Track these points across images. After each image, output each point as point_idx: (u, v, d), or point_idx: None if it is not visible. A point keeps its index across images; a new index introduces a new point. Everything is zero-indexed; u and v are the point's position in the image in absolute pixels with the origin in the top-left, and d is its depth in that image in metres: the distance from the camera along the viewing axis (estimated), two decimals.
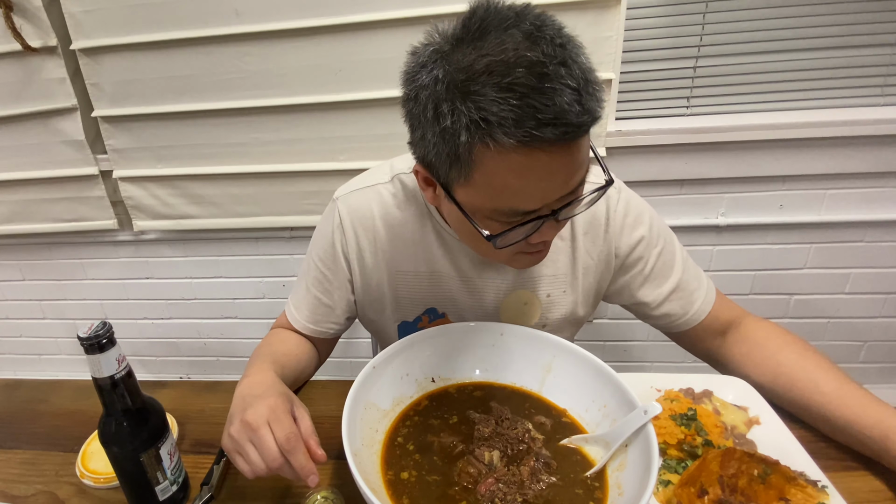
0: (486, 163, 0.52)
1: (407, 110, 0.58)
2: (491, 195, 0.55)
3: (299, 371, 0.81)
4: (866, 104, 1.37)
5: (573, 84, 0.48)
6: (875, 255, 1.49)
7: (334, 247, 0.81)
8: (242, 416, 0.56)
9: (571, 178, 0.55)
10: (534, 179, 0.53)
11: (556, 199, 0.56)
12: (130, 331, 1.86)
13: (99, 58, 1.40)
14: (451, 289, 0.80)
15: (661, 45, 1.36)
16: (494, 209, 0.56)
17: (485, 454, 0.61)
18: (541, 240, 0.61)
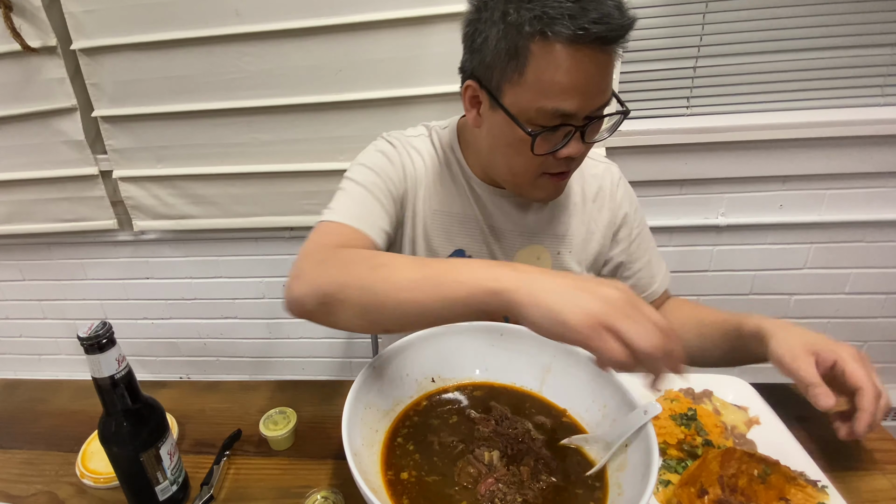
0: (540, 57, 0.63)
1: (471, 20, 0.69)
2: (538, 92, 0.65)
3: None
4: (866, 104, 1.36)
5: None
6: (875, 255, 1.49)
7: (389, 159, 0.82)
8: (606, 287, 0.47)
9: (604, 90, 0.66)
10: (578, 77, 0.63)
11: (589, 110, 0.66)
12: (130, 331, 1.86)
13: (99, 58, 1.40)
14: (477, 233, 0.86)
15: (661, 45, 1.36)
16: (539, 108, 0.65)
17: (484, 454, 0.61)
18: (567, 154, 0.69)
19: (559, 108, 0.65)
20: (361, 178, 0.80)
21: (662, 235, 1.51)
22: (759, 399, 0.76)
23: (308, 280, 0.61)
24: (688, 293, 1.60)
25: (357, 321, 0.59)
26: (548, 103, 0.65)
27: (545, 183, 0.75)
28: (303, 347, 1.84)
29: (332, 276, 0.60)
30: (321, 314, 0.61)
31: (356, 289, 0.58)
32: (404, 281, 0.56)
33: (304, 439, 0.77)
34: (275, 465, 0.73)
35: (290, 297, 0.62)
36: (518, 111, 0.67)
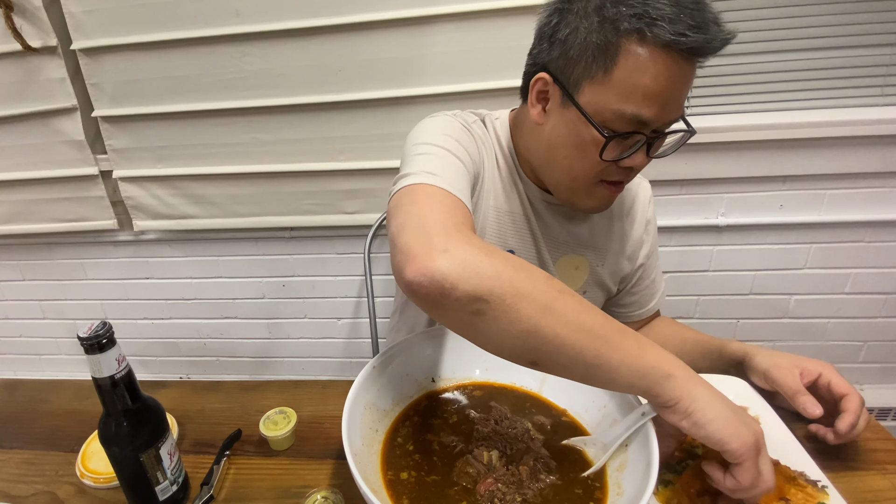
0: (630, 57, 0.60)
1: (558, 9, 0.66)
2: (621, 94, 0.62)
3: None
4: (866, 104, 1.36)
5: (713, 11, 0.60)
6: (875, 255, 1.49)
7: (469, 130, 0.76)
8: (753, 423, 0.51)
9: (681, 103, 0.64)
10: (664, 85, 0.61)
11: (664, 122, 0.64)
12: (130, 331, 1.86)
13: (99, 58, 1.40)
14: (527, 235, 0.84)
15: None
16: (617, 111, 0.63)
17: (483, 454, 0.61)
18: (631, 164, 0.67)
19: (639, 113, 0.62)
20: (448, 145, 0.69)
21: (662, 235, 1.51)
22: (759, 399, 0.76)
23: (472, 265, 0.48)
24: (688, 293, 1.60)
25: (509, 340, 0.50)
26: (628, 107, 0.62)
27: (600, 192, 0.72)
28: (303, 347, 1.84)
29: (508, 276, 0.48)
30: (467, 311, 0.49)
31: (537, 306, 0.48)
32: (592, 323, 0.49)
33: (304, 439, 0.77)
34: (275, 465, 0.73)
35: (433, 272, 0.48)
36: (594, 111, 0.64)
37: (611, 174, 0.69)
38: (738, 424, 0.49)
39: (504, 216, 0.81)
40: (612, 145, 0.65)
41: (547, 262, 0.86)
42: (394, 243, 0.53)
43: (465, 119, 0.78)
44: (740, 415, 0.50)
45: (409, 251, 0.50)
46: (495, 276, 0.48)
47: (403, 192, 0.60)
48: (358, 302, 1.72)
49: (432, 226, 0.52)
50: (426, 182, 0.60)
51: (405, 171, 0.63)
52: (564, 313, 0.49)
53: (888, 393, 1.65)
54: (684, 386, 0.50)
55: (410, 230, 0.52)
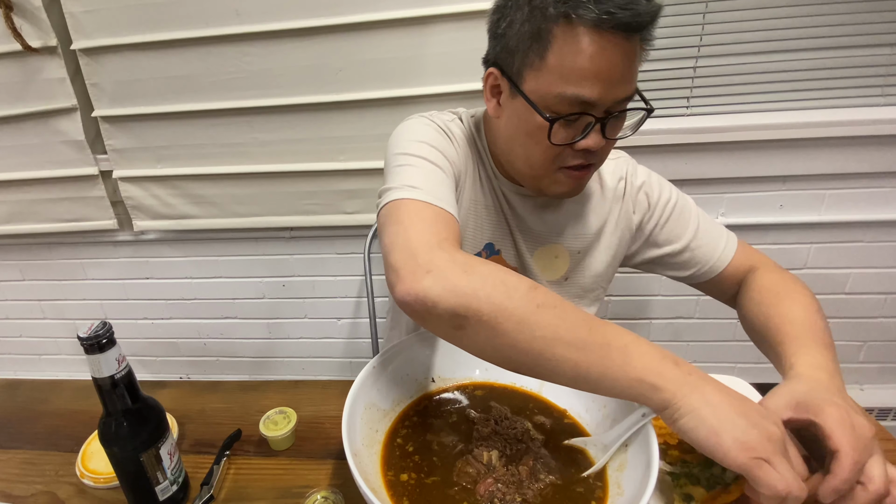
0: (562, 41, 0.62)
1: (498, 6, 0.69)
2: (559, 77, 0.63)
3: None
4: (866, 104, 1.36)
5: None
6: (875, 255, 1.49)
7: (444, 133, 0.78)
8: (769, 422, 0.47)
9: (627, 81, 0.64)
10: (600, 64, 0.62)
11: (611, 101, 0.64)
12: (130, 331, 1.86)
13: (99, 58, 1.40)
14: (504, 227, 0.85)
15: (661, 45, 1.36)
16: (558, 94, 0.64)
17: (483, 454, 0.61)
18: (586, 146, 0.67)
19: (579, 94, 0.63)
20: (427, 154, 0.72)
21: None
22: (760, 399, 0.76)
23: (450, 283, 0.52)
24: (688, 293, 1.60)
25: (493, 353, 0.54)
26: (568, 89, 0.63)
27: (563, 178, 0.72)
28: (303, 347, 1.84)
29: (485, 292, 0.52)
30: (450, 326, 0.54)
31: (515, 322, 0.51)
32: (571, 337, 0.51)
33: (304, 439, 0.77)
34: (275, 465, 0.73)
35: (416, 292, 0.53)
36: (538, 98, 0.66)
37: (568, 159, 0.70)
38: (731, 430, 0.46)
39: (482, 210, 0.83)
40: (561, 129, 0.66)
41: (524, 253, 0.86)
42: (385, 261, 0.59)
43: (442, 120, 0.80)
44: (746, 416, 0.47)
45: (397, 271, 0.56)
46: (472, 293, 0.52)
47: (389, 209, 0.64)
48: (358, 302, 1.72)
49: (416, 245, 0.57)
50: (409, 197, 0.64)
51: (389, 185, 0.67)
52: (541, 327, 0.51)
53: (888, 393, 1.65)
54: (673, 396, 0.49)
55: (398, 250, 0.57)
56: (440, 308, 0.52)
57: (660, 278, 0.89)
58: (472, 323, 0.52)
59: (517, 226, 0.85)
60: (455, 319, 0.53)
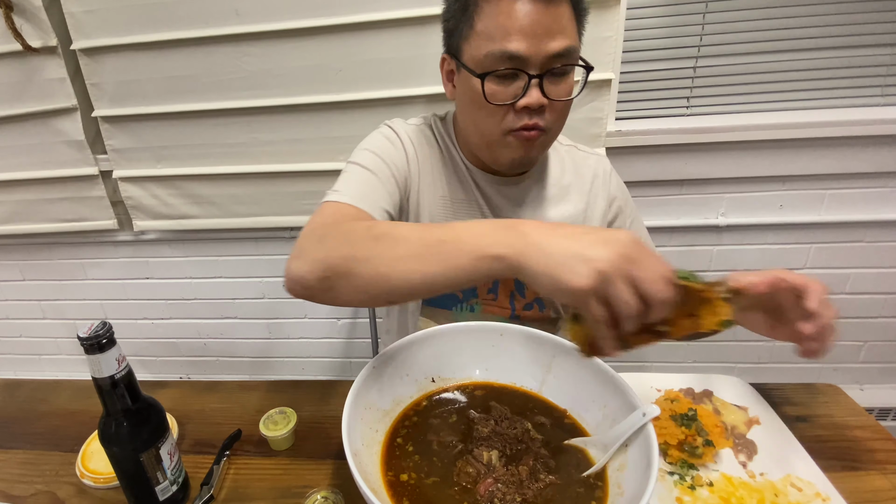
0: (483, 10, 0.68)
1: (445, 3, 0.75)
2: (487, 38, 0.68)
3: None
4: (866, 104, 1.36)
5: None
6: (875, 255, 1.49)
7: (392, 143, 0.84)
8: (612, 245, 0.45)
9: (553, 34, 0.67)
10: (521, 18, 0.66)
11: (542, 56, 0.67)
12: (130, 331, 1.86)
13: (99, 58, 1.40)
14: (479, 217, 0.86)
15: (661, 45, 1.36)
16: (487, 53, 0.68)
17: (483, 454, 0.61)
18: (527, 103, 0.69)
19: (505, 49, 0.67)
20: (365, 160, 0.81)
21: (662, 235, 1.51)
22: (759, 399, 0.76)
23: (309, 257, 0.60)
24: None
25: (360, 295, 0.58)
26: (494, 46, 0.68)
27: (512, 141, 0.74)
28: (303, 347, 1.84)
29: (333, 250, 0.59)
30: (323, 290, 0.60)
31: (360, 261, 0.56)
32: (407, 251, 0.55)
33: (304, 439, 0.77)
34: (275, 465, 0.73)
35: (290, 275, 0.61)
36: (473, 63, 0.71)
37: (513, 121, 0.72)
38: (568, 266, 0.45)
39: (457, 204, 0.86)
40: (497, 88, 0.70)
41: None
42: None
43: (401, 127, 0.86)
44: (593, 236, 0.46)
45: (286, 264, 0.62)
46: (325, 256, 0.59)
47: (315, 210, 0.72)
48: None
49: (303, 237, 0.64)
50: (326, 200, 0.73)
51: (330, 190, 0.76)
52: (382, 255, 0.56)
53: (888, 393, 1.65)
54: (517, 259, 0.49)
55: (294, 246, 0.63)
56: (309, 280, 0.59)
57: None
58: (335, 279, 0.58)
59: (494, 215, 0.87)
60: (323, 283, 0.58)
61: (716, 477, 0.65)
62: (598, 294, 0.45)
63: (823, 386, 0.83)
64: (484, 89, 0.70)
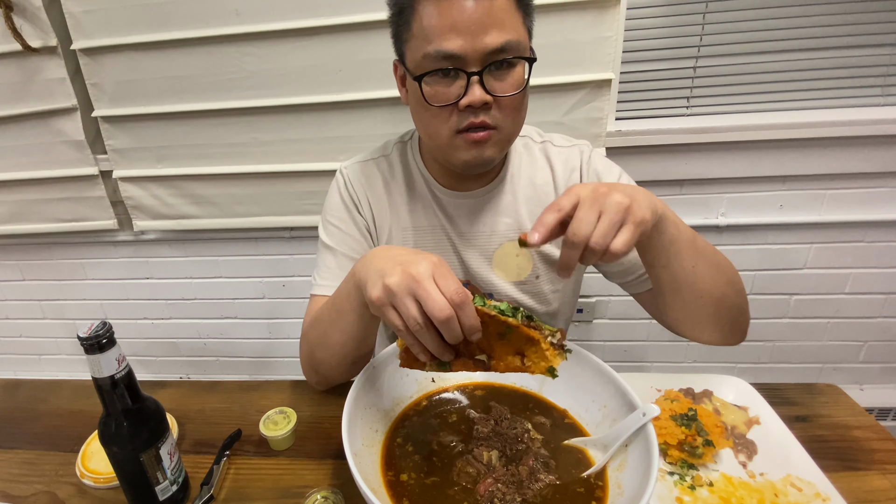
0: (418, 12, 0.67)
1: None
2: (422, 40, 0.67)
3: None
4: (866, 104, 1.36)
5: None
6: (875, 255, 1.49)
7: (345, 202, 0.88)
8: (405, 268, 0.52)
9: (488, 29, 0.65)
10: (453, 16, 0.64)
11: (479, 52, 0.65)
12: (130, 331, 1.86)
13: (99, 58, 1.40)
14: (447, 243, 0.87)
15: (661, 45, 1.36)
16: (425, 54, 0.67)
17: (483, 454, 0.61)
18: (468, 101, 0.67)
19: (440, 48, 0.66)
20: (332, 241, 0.86)
21: None
22: (760, 399, 0.76)
23: (303, 366, 0.81)
24: None
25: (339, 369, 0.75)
26: (430, 47, 0.66)
27: (462, 143, 0.72)
28: None
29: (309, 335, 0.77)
30: (321, 383, 0.82)
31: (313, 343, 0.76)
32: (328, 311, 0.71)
33: (304, 439, 0.77)
34: (275, 465, 0.73)
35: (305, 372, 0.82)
36: (414, 66, 0.70)
37: (459, 121, 0.70)
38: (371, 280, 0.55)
39: (418, 232, 0.87)
40: (438, 89, 0.69)
41: (471, 263, 0.86)
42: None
43: (347, 179, 0.89)
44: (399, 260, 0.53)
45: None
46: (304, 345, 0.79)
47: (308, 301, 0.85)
48: None
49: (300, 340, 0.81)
50: (314, 293, 0.85)
51: (313, 276, 0.87)
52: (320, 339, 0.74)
53: (888, 393, 1.65)
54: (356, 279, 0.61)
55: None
56: (306, 368, 0.81)
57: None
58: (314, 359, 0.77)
59: (460, 237, 0.86)
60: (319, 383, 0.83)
61: (716, 477, 0.65)
62: (391, 305, 0.53)
63: (823, 386, 0.83)
64: (422, 91, 0.69)
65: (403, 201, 0.87)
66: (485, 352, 0.56)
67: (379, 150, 0.91)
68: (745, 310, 0.76)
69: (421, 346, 0.53)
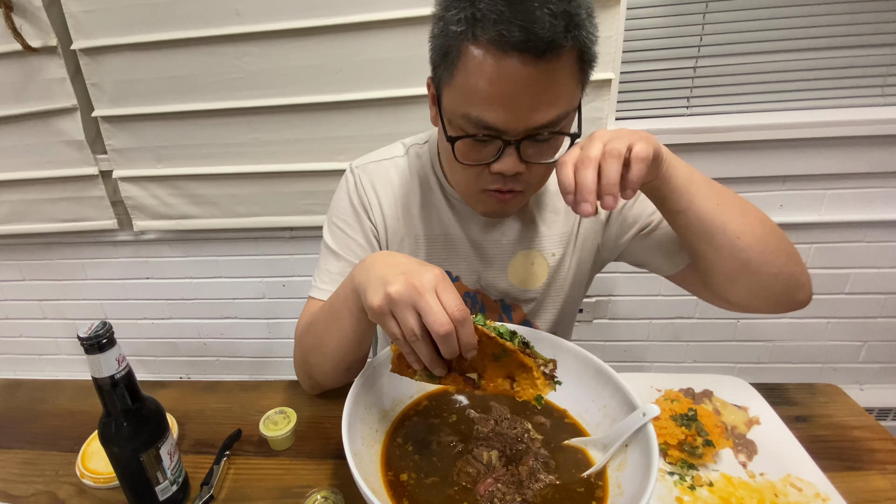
0: (466, 61, 0.59)
1: (433, 14, 0.65)
2: (464, 96, 0.61)
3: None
4: (866, 104, 1.37)
5: (553, 7, 0.54)
6: (875, 255, 1.49)
7: (353, 205, 0.84)
8: (408, 278, 0.51)
9: (538, 107, 0.59)
10: (502, 88, 0.58)
11: (522, 128, 0.61)
12: (130, 331, 1.86)
13: (99, 58, 1.40)
14: (461, 252, 0.84)
15: (661, 45, 1.36)
16: (463, 114, 0.61)
17: (483, 454, 0.61)
18: (500, 170, 0.64)
19: (481, 118, 0.60)
20: (337, 244, 0.84)
21: None
22: (760, 399, 0.76)
23: (297, 372, 0.80)
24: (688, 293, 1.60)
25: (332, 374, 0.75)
26: (471, 111, 0.60)
27: (486, 199, 0.70)
28: None
29: (301, 341, 0.77)
30: (314, 389, 0.81)
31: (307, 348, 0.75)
32: (326, 317, 0.69)
33: (304, 439, 0.77)
34: (275, 465, 0.73)
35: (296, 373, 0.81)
36: (449, 114, 0.64)
37: (487, 181, 0.67)
38: (372, 286, 0.54)
39: (433, 241, 0.84)
40: (465, 148, 0.64)
41: (488, 273, 0.84)
42: None
43: (358, 180, 0.84)
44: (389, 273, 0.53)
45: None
46: (298, 348, 0.78)
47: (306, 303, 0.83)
48: None
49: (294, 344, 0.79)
50: (311, 295, 0.83)
51: (312, 278, 0.85)
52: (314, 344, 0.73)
53: (888, 393, 1.65)
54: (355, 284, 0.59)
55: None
56: (299, 372, 0.80)
57: (659, 278, 0.87)
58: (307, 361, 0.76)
59: (476, 246, 0.83)
60: (312, 388, 0.82)
61: (716, 477, 0.65)
62: (391, 314, 0.52)
63: (823, 386, 0.83)
64: (454, 151, 0.65)
65: (417, 208, 0.83)
66: (476, 370, 0.57)
67: (393, 151, 0.87)
68: (796, 258, 0.70)
69: (415, 356, 0.53)
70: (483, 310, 0.88)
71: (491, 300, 0.87)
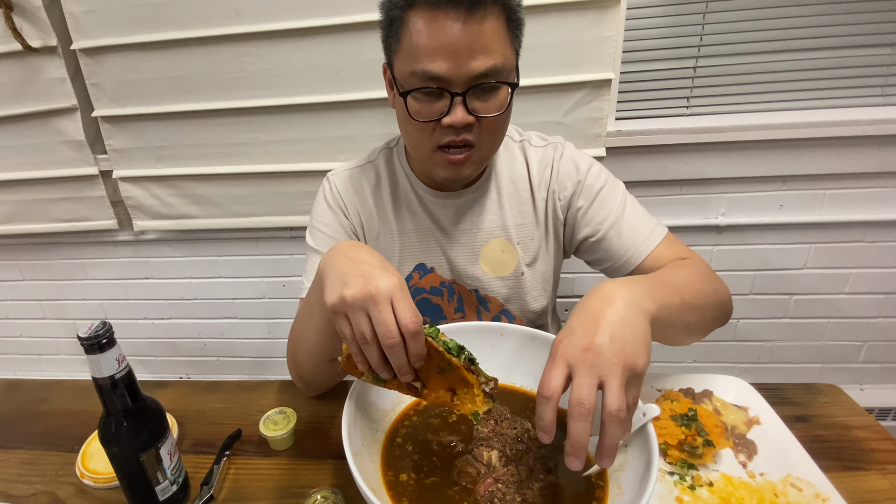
0: (409, 26, 0.67)
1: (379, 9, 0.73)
2: (409, 56, 0.68)
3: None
4: (866, 104, 1.36)
5: None
6: (875, 255, 1.49)
7: (331, 207, 0.89)
8: (366, 282, 0.52)
9: (476, 54, 0.66)
10: (441, 38, 0.65)
11: (464, 76, 0.67)
12: (130, 331, 1.86)
13: (99, 58, 1.40)
14: (434, 243, 0.89)
15: (661, 45, 1.36)
16: (411, 72, 0.68)
17: (483, 454, 0.61)
18: (451, 122, 0.69)
19: (427, 69, 0.67)
20: (319, 244, 0.87)
21: None
22: (760, 399, 0.76)
23: (289, 372, 0.82)
24: None
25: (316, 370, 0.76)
26: (417, 65, 0.67)
27: (441, 160, 0.75)
28: None
29: (290, 344, 0.78)
30: (308, 388, 0.83)
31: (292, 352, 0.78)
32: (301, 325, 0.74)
33: (304, 439, 0.77)
34: (275, 465, 0.73)
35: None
36: (401, 79, 0.71)
37: (440, 137, 0.72)
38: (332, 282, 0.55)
39: (405, 235, 0.89)
40: (422, 106, 0.70)
41: (459, 261, 0.88)
42: None
43: (333, 186, 0.90)
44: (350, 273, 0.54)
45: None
46: (288, 349, 0.80)
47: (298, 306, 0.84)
48: None
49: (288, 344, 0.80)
50: (299, 297, 0.83)
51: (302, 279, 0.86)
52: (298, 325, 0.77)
53: (888, 393, 1.65)
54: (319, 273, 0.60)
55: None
56: (291, 373, 0.82)
57: None
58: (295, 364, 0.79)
59: (447, 237, 0.88)
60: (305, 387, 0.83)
61: (716, 477, 0.65)
62: (344, 315, 0.53)
63: (823, 386, 0.83)
64: (407, 107, 0.71)
65: (389, 206, 0.89)
66: (420, 380, 0.58)
67: (365, 158, 0.93)
68: (721, 289, 0.76)
69: (362, 357, 0.54)
70: (461, 301, 0.91)
71: (467, 290, 0.91)
